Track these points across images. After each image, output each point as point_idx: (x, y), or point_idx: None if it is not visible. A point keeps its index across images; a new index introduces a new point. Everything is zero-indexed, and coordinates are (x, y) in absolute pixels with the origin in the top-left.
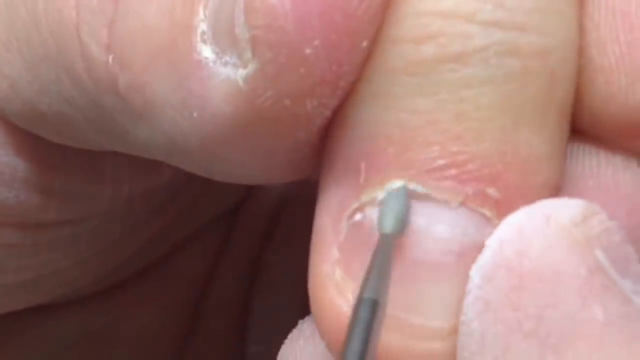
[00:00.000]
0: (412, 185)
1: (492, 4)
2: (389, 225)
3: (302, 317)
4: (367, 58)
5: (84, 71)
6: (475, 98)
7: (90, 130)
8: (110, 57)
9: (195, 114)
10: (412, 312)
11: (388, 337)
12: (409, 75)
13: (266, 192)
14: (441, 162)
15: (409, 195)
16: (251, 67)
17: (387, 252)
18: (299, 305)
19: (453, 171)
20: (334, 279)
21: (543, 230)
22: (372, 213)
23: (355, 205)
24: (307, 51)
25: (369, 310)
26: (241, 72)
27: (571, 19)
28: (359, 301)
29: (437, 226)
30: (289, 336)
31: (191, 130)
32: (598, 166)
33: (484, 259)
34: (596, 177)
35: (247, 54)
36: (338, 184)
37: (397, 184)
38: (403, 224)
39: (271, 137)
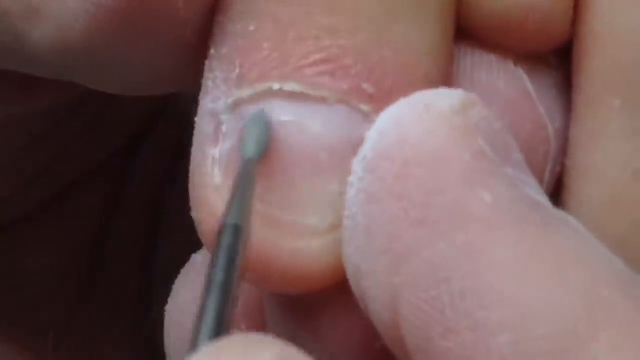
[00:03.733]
0: (286, 85)
1: None
2: (250, 150)
3: None
4: None
5: None
6: None
7: None
8: None
9: None
10: (286, 210)
11: (262, 236)
12: None
13: (166, 131)
14: (316, 57)
15: (285, 95)
16: None
17: (249, 177)
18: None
19: (328, 66)
20: (213, 179)
21: (422, 118)
22: (246, 110)
23: (229, 101)
24: None
25: (232, 235)
26: None
27: None
28: (222, 227)
29: (312, 122)
30: (182, 270)
31: (78, 11)
32: (472, 66)
33: (365, 150)
34: (470, 76)
35: None
36: (214, 82)
37: (265, 86)
38: (264, 147)
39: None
